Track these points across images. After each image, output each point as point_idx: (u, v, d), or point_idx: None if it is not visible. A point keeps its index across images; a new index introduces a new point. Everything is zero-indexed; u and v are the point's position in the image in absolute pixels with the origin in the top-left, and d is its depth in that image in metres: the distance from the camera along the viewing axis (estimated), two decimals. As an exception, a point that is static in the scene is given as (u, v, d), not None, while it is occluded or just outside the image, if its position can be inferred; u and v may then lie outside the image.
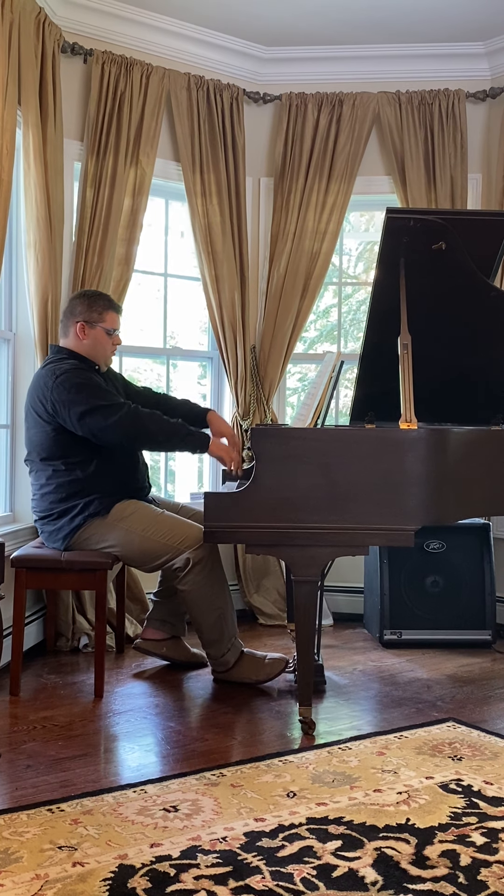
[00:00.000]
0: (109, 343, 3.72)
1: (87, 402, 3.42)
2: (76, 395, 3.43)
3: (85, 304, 3.69)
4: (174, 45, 4.64)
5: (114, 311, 3.73)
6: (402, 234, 3.22)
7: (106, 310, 3.70)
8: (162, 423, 3.46)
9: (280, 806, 2.47)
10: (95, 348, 3.69)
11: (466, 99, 4.85)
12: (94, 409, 3.42)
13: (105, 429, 3.42)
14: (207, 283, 4.75)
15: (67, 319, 3.70)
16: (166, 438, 3.48)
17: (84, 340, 3.66)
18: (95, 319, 3.67)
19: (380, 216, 5.24)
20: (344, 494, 3.03)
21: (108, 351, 3.73)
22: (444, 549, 4.36)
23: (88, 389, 3.46)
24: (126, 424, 3.41)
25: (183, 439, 3.49)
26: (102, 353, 3.72)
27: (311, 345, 6.21)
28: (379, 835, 2.30)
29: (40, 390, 3.53)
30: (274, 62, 4.95)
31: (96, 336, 3.67)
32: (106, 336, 3.69)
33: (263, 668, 3.60)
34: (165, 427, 3.46)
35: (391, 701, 3.51)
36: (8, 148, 3.56)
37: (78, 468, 3.53)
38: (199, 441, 3.50)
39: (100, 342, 3.69)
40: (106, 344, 3.71)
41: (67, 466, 3.53)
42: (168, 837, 2.27)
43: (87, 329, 3.65)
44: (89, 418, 3.42)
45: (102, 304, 3.70)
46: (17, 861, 2.13)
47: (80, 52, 4.32)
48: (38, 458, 3.58)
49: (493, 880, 2.07)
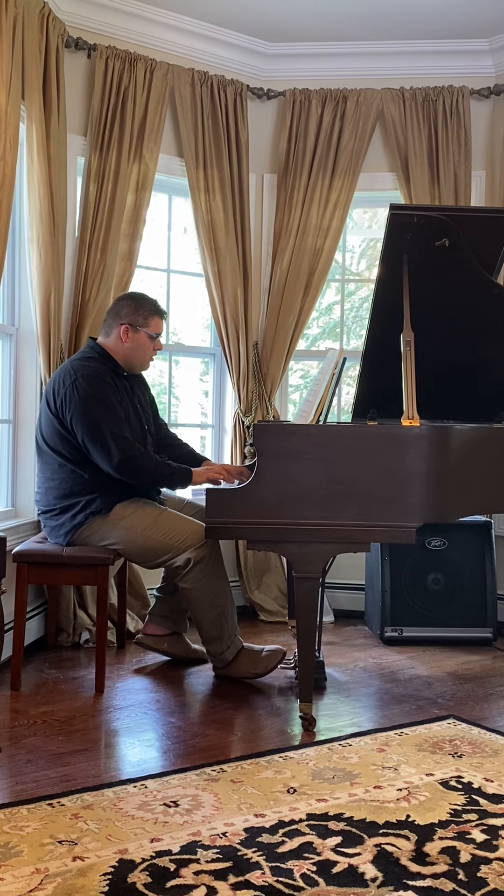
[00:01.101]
0: (151, 348, 3.72)
1: (92, 420, 3.43)
2: (85, 407, 3.44)
3: (131, 306, 3.68)
4: (178, 40, 4.64)
5: (159, 317, 3.73)
6: (406, 231, 3.21)
7: (152, 315, 3.70)
8: (148, 462, 3.49)
9: (280, 802, 2.48)
10: (136, 352, 3.69)
11: (470, 96, 4.84)
12: (96, 429, 3.42)
13: (98, 452, 3.44)
14: (210, 280, 4.75)
15: (112, 320, 3.70)
16: (151, 477, 3.55)
17: (126, 343, 3.66)
18: (140, 324, 3.66)
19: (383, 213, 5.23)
20: (346, 491, 3.02)
21: (147, 356, 3.74)
22: (445, 547, 4.36)
23: (99, 406, 3.45)
24: (119, 458, 3.41)
25: (167, 477, 3.55)
26: (142, 357, 3.72)
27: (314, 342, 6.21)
28: (379, 831, 2.30)
29: (57, 384, 3.54)
30: (278, 58, 4.94)
31: (139, 340, 3.67)
32: (148, 341, 3.70)
33: (261, 661, 3.60)
34: (151, 465, 3.50)
35: (392, 698, 3.51)
36: (11, 143, 3.56)
37: (83, 466, 3.52)
38: (181, 477, 3.56)
39: (141, 346, 3.69)
40: (147, 349, 3.71)
41: (74, 462, 3.52)
42: (168, 832, 2.28)
43: (131, 332, 3.65)
44: (87, 435, 3.44)
45: (149, 308, 3.70)
46: (18, 855, 2.13)
47: (83, 47, 4.31)
48: (47, 446, 3.58)
49: (493, 877, 2.07)
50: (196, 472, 3.59)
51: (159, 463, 3.52)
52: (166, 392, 5.09)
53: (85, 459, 3.51)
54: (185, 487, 3.65)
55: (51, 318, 4.04)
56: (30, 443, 4.14)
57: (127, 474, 3.47)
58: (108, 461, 3.43)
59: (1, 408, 4.14)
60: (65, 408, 3.47)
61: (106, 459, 3.44)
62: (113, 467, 3.44)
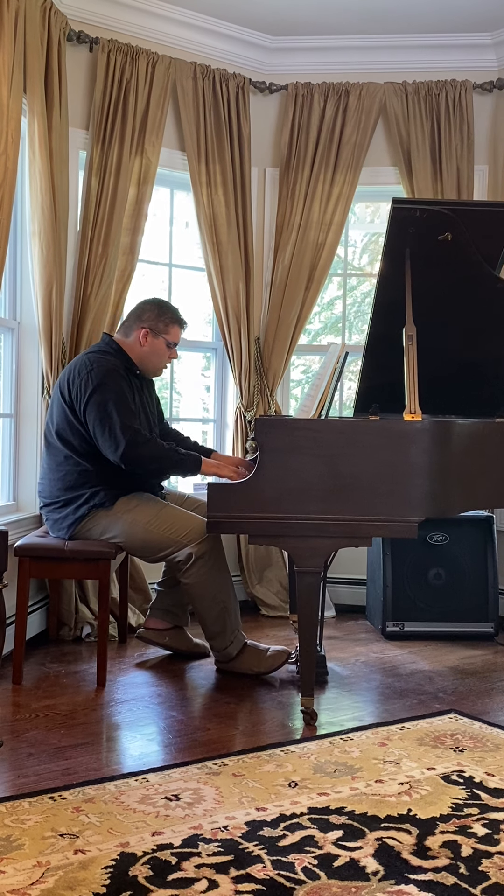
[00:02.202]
0: (167, 355, 3.75)
1: (104, 409, 3.43)
2: (98, 396, 3.44)
3: (155, 312, 3.71)
4: (180, 33, 4.63)
5: (179, 326, 3.76)
6: (409, 225, 3.21)
7: (173, 323, 3.72)
8: (155, 449, 3.48)
9: (281, 795, 2.48)
10: (152, 357, 3.71)
11: (473, 90, 4.83)
12: (106, 418, 3.43)
13: (107, 440, 3.43)
14: (212, 274, 4.74)
15: (132, 322, 3.72)
16: (159, 464, 3.52)
17: (144, 347, 3.69)
18: (161, 330, 3.69)
19: (385, 207, 5.23)
20: (347, 485, 3.02)
21: (162, 363, 3.77)
22: (447, 542, 4.36)
23: (113, 396, 3.46)
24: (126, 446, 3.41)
25: (175, 463, 3.53)
26: (156, 362, 3.75)
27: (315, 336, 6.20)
28: (380, 825, 2.30)
29: (72, 374, 3.55)
30: (280, 52, 4.93)
31: (156, 346, 3.70)
32: (166, 348, 3.72)
33: (265, 660, 3.61)
34: (158, 452, 3.49)
35: (393, 692, 3.51)
36: (13, 136, 3.55)
37: (88, 459, 3.53)
38: (188, 464, 3.54)
39: (157, 352, 3.71)
40: (163, 356, 3.74)
41: (81, 454, 3.53)
42: (169, 826, 2.28)
43: (151, 337, 3.68)
44: (98, 423, 3.44)
45: (171, 316, 3.73)
46: (19, 848, 2.14)
47: (85, 41, 4.30)
48: (56, 437, 3.59)
49: (495, 871, 2.07)
50: (206, 463, 3.57)
51: (166, 450, 3.51)
52: (168, 387, 5.09)
53: (92, 452, 3.52)
54: (194, 475, 3.61)
55: (52, 313, 4.03)
56: (32, 437, 4.15)
57: (133, 463, 3.46)
58: (114, 450, 3.43)
59: (3, 402, 4.14)
60: (79, 397, 3.48)
61: (112, 448, 3.43)
62: (119, 456, 3.43)
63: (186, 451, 3.58)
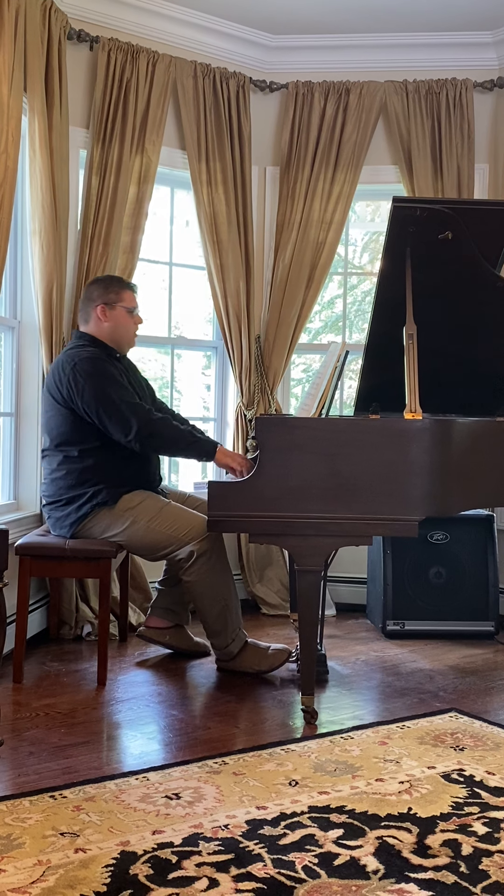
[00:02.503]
0: (131, 322, 3.74)
1: (103, 394, 3.44)
2: (93, 385, 3.45)
3: (101, 287, 3.71)
4: (181, 32, 4.62)
5: (130, 290, 3.76)
6: (409, 224, 3.21)
7: (122, 289, 3.72)
8: (172, 429, 3.48)
9: (282, 794, 2.48)
10: (118, 330, 3.70)
11: (474, 88, 4.82)
12: (108, 403, 3.43)
13: (116, 424, 3.43)
14: (212, 273, 4.74)
15: (87, 306, 3.72)
16: (174, 443, 3.50)
17: (106, 323, 3.67)
18: (114, 300, 3.68)
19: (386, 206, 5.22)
20: (348, 484, 3.02)
21: (130, 331, 3.75)
22: (447, 540, 4.36)
23: (106, 381, 3.47)
24: (138, 424, 3.42)
25: (190, 445, 3.51)
26: (125, 333, 3.73)
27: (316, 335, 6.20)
28: (381, 824, 2.30)
29: (58, 374, 3.55)
30: (281, 50, 4.93)
31: (117, 317, 3.69)
32: (127, 315, 3.71)
33: (266, 659, 3.61)
34: (175, 432, 3.48)
35: (393, 691, 3.51)
36: (14, 135, 3.55)
37: (91, 456, 3.53)
38: (206, 447, 3.51)
39: (121, 323, 3.70)
40: (128, 324, 3.72)
41: (80, 454, 3.53)
42: (170, 824, 2.28)
43: (108, 311, 3.67)
44: (103, 410, 3.44)
45: (118, 284, 3.74)
46: (20, 847, 2.14)
47: (86, 39, 4.30)
48: (52, 444, 3.59)
49: (495, 870, 2.07)
50: (222, 450, 3.50)
51: (182, 430, 3.51)
52: (168, 386, 5.09)
53: (91, 449, 3.51)
54: (209, 460, 3.55)
55: (53, 312, 4.03)
56: (32, 436, 4.14)
57: (149, 441, 3.44)
58: (127, 432, 3.42)
59: (3, 401, 4.14)
60: (73, 394, 3.47)
61: (125, 430, 3.42)
62: (134, 435, 3.41)
63: (203, 436, 3.57)
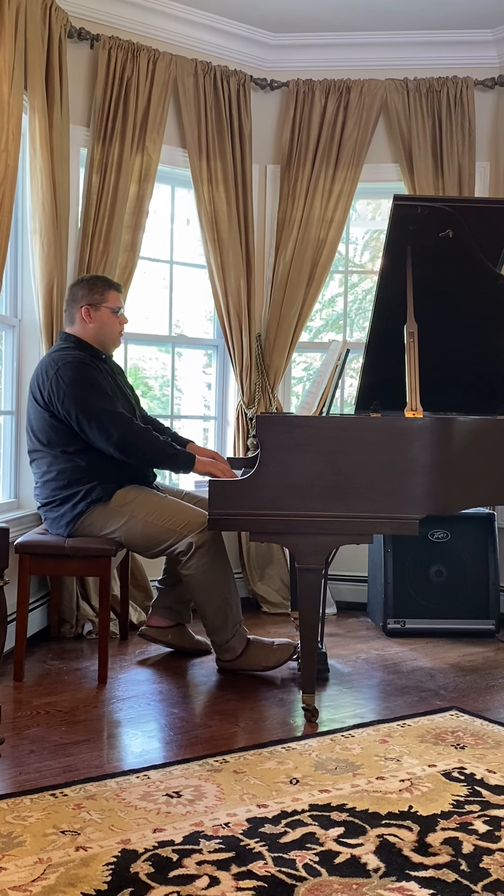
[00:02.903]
0: (116, 323, 3.72)
1: (83, 402, 3.43)
2: (74, 391, 3.44)
3: (85, 288, 3.69)
4: (181, 30, 4.62)
5: (114, 290, 3.74)
6: (410, 222, 3.20)
7: (107, 289, 3.70)
8: (152, 440, 3.49)
9: (283, 792, 2.48)
10: (103, 330, 3.69)
11: (474, 87, 4.82)
12: (89, 410, 3.43)
13: (96, 431, 3.43)
14: (213, 271, 4.74)
15: (71, 307, 3.71)
16: (153, 456, 3.53)
17: (90, 324, 3.66)
18: (98, 301, 3.67)
19: (386, 204, 5.22)
20: (348, 483, 3.02)
21: (115, 331, 3.74)
22: (448, 539, 4.36)
23: (88, 388, 3.46)
24: (118, 433, 3.42)
25: (169, 457, 3.52)
26: (110, 334, 3.72)
27: (317, 334, 6.20)
28: (381, 822, 2.30)
29: (41, 377, 3.54)
30: (281, 48, 4.93)
31: (102, 317, 3.67)
32: (112, 316, 3.70)
33: (273, 654, 3.60)
34: (154, 444, 3.49)
35: (394, 689, 3.51)
36: (14, 133, 3.55)
37: (78, 456, 3.52)
38: (184, 459, 3.53)
39: (106, 323, 3.69)
40: (113, 324, 3.71)
41: (68, 454, 3.53)
42: (171, 823, 2.28)
43: (92, 312, 3.66)
44: (83, 417, 3.43)
45: (102, 284, 3.71)
46: (21, 845, 2.14)
47: (86, 38, 4.30)
48: (38, 445, 3.58)
49: (496, 868, 2.07)
50: (200, 461, 3.55)
51: (162, 442, 3.51)
52: (169, 384, 5.09)
53: (80, 447, 3.51)
54: (186, 472, 3.59)
55: (53, 310, 4.03)
56: (33, 434, 4.14)
57: (128, 450, 3.46)
58: (107, 439, 3.43)
59: (4, 399, 4.14)
60: (53, 398, 3.47)
61: (105, 438, 3.43)
62: (114, 444, 3.43)
63: (181, 448, 3.58)
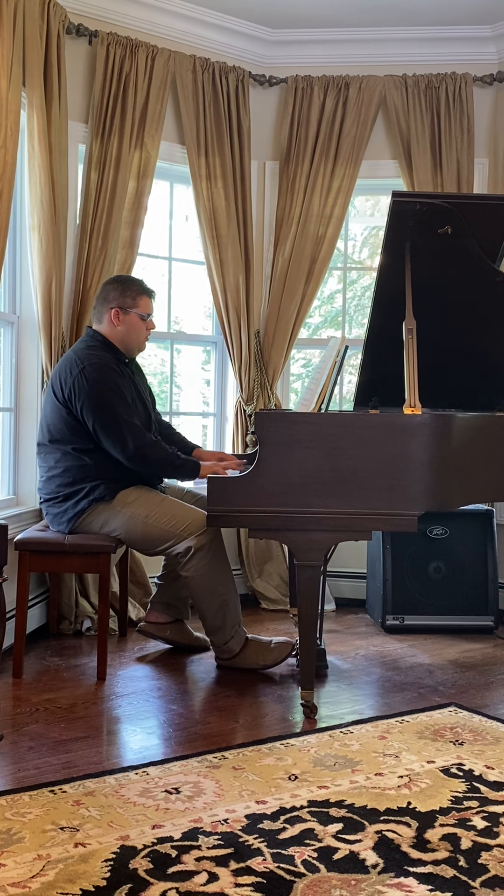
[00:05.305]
0: (144, 328, 3.72)
1: (103, 407, 3.44)
2: (96, 396, 3.45)
3: (118, 289, 3.68)
4: (180, 26, 4.61)
5: (147, 296, 3.72)
6: (409, 218, 3.20)
7: (139, 295, 3.69)
8: (162, 453, 3.53)
9: (281, 789, 2.48)
10: (129, 335, 3.68)
11: (473, 83, 4.81)
12: (107, 417, 3.44)
13: (111, 439, 3.45)
14: (212, 268, 4.73)
15: (101, 306, 3.69)
16: (162, 467, 3.58)
17: (118, 327, 3.66)
18: (129, 305, 3.66)
19: (385, 201, 5.22)
20: (347, 479, 3.02)
21: (142, 337, 3.73)
22: (446, 535, 4.36)
23: (110, 393, 3.47)
24: (133, 445, 3.45)
25: (176, 469, 3.57)
26: (136, 339, 3.72)
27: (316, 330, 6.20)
28: (380, 818, 2.31)
29: (63, 373, 3.54)
30: (280, 45, 4.92)
31: (130, 322, 3.67)
32: (140, 321, 3.69)
33: (270, 653, 3.60)
34: (163, 456, 3.53)
35: (393, 686, 3.52)
36: (12, 129, 3.55)
37: (87, 455, 3.53)
38: (189, 470, 3.57)
39: (134, 328, 3.68)
40: (140, 329, 3.71)
41: (77, 451, 3.53)
42: (169, 819, 2.28)
43: (122, 315, 3.65)
44: (99, 422, 3.45)
45: (136, 289, 3.70)
46: (20, 841, 2.14)
47: (85, 34, 4.29)
48: (48, 439, 3.58)
49: (494, 864, 2.07)
50: (204, 468, 3.58)
51: (169, 454, 3.55)
52: (168, 381, 5.09)
53: (91, 447, 3.52)
54: (191, 480, 3.67)
55: (52, 306, 4.03)
56: (31, 431, 4.14)
57: (139, 462, 3.50)
58: (122, 450, 3.46)
59: (2, 396, 4.14)
60: (74, 397, 3.47)
61: (120, 448, 3.45)
62: (127, 456, 3.46)
63: (186, 457, 3.60)
